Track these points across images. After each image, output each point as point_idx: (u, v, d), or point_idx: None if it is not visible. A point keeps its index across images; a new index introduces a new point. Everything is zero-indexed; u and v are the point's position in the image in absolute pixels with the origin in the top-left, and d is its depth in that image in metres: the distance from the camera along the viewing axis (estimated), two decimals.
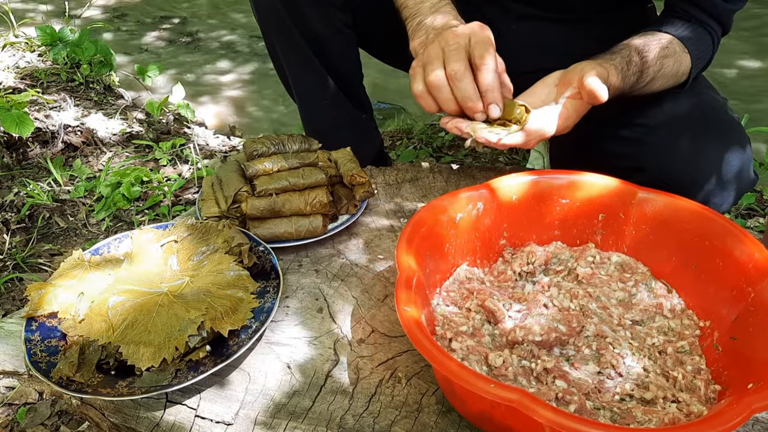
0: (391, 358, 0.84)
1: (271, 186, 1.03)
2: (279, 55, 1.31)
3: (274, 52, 1.33)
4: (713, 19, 1.07)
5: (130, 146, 2.02)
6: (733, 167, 1.03)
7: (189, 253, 0.92)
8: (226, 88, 2.67)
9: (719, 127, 1.07)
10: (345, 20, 1.25)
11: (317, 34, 1.23)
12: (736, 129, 1.08)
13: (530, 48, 1.22)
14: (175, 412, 0.78)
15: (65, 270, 0.89)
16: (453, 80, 0.88)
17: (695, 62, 1.05)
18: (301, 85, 1.35)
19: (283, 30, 1.24)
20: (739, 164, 1.05)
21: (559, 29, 1.23)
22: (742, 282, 0.78)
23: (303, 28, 1.22)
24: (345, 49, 1.27)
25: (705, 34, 1.07)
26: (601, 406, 0.71)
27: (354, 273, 1.00)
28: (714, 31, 1.07)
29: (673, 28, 1.06)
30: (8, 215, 1.65)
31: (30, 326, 0.84)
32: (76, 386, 0.76)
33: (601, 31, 1.16)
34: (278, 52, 1.31)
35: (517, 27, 1.27)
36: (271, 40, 1.31)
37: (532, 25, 1.25)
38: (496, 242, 0.94)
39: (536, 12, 1.24)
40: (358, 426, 0.75)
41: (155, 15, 3.53)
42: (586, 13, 1.23)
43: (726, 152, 1.04)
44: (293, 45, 1.26)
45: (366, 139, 1.41)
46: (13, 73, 2.41)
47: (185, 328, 0.80)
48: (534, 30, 1.25)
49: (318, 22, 1.22)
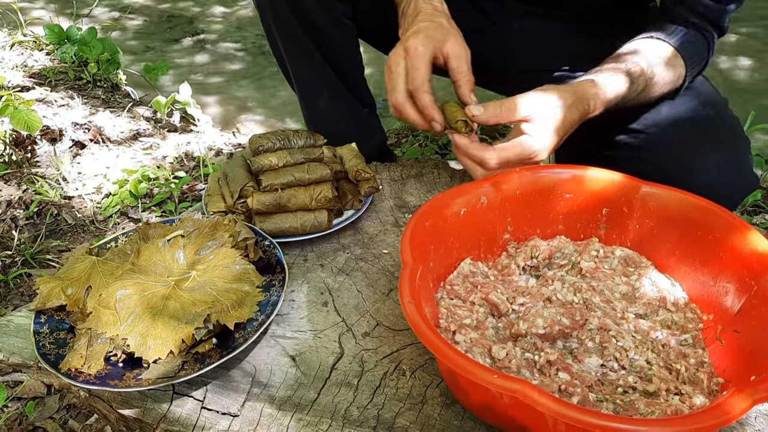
0: (396, 351, 0.85)
1: (277, 181, 1.04)
2: (279, 46, 1.32)
3: (274, 44, 1.34)
4: (707, 21, 1.05)
5: (137, 144, 2.03)
6: (732, 174, 1.02)
7: (196, 247, 0.93)
8: (232, 86, 2.68)
9: (718, 134, 1.06)
10: (344, 11, 1.24)
11: (316, 25, 1.23)
12: (736, 134, 1.08)
13: (529, 46, 1.22)
14: (181, 404, 0.79)
15: (73, 264, 0.90)
16: (397, 110, 1.04)
17: (690, 68, 1.04)
18: (302, 77, 1.35)
19: (281, 21, 1.24)
20: (739, 171, 1.04)
21: (558, 28, 1.23)
22: (746, 275, 0.79)
23: (302, 19, 1.22)
24: (345, 40, 1.26)
25: (700, 38, 1.06)
26: (604, 398, 0.71)
27: (359, 267, 1.00)
28: (708, 34, 1.06)
29: (667, 33, 1.04)
30: (17, 212, 1.66)
31: (39, 319, 0.85)
32: (85, 378, 0.77)
33: (600, 30, 1.16)
34: (278, 43, 1.31)
35: (517, 25, 1.27)
36: (270, 31, 1.31)
37: (531, 24, 1.25)
38: (500, 236, 0.95)
39: (536, 10, 1.24)
40: (362, 418, 0.76)
41: (162, 14, 3.55)
42: (586, 12, 1.22)
43: (725, 160, 1.04)
44: (292, 36, 1.26)
45: (368, 133, 1.41)
46: (22, 71, 2.43)
47: (192, 321, 0.81)
48: (534, 28, 1.25)
49: (317, 13, 1.22)
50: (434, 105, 1.01)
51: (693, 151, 1.03)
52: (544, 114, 0.94)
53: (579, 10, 1.22)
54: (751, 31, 2.88)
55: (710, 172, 1.01)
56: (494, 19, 1.29)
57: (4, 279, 1.43)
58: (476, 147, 0.97)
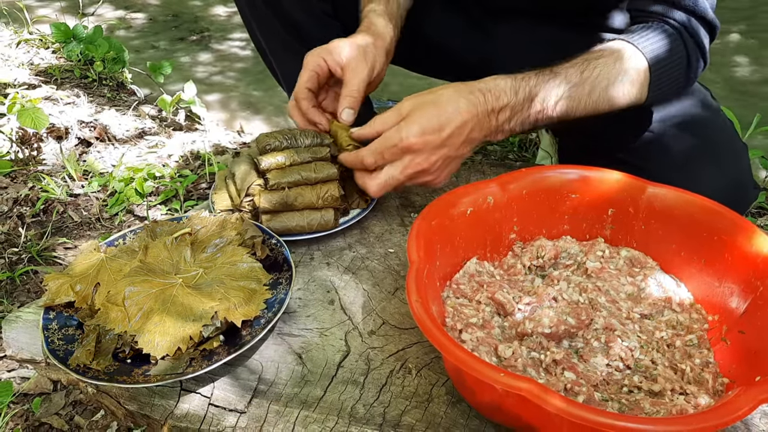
0: (402, 349, 0.85)
1: (284, 180, 1.04)
2: (263, 45, 1.32)
3: (258, 44, 1.34)
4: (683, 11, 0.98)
5: (143, 142, 2.04)
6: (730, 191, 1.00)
7: (203, 245, 0.94)
8: (237, 85, 2.69)
9: (714, 149, 1.04)
10: (324, 9, 1.25)
11: (297, 23, 1.24)
12: (732, 147, 1.06)
13: (517, 48, 1.21)
14: (189, 400, 0.80)
15: (82, 260, 0.91)
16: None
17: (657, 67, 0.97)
18: (288, 74, 1.35)
19: (263, 20, 1.25)
20: (736, 186, 1.03)
21: (546, 30, 1.22)
22: (751, 276, 0.79)
23: (282, 18, 1.23)
24: (327, 38, 1.26)
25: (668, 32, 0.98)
26: (610, 398, 0.72)
27: (365, 266, 1.01)
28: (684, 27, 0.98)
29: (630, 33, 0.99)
30: (23, 209, 1.67)
31: (48, 315, 0.86)
32: (93, 374, 0.77)
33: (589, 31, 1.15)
34: (262, 43, 1.32)
35: (504, 27, 1.26)
36: (252, 29, 1.31)
37: (519, 26, 1.24)
38: (506, 236, 0.95)
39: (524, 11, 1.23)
40: (368, 415, 0.76)
41: (167, 13, 3.55)
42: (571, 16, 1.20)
43: (722, 177, 1.02)
44: (275, 34, 1.27)
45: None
46: (28, 69, 2.44)
47: (199, 318, 0.81)
48: (521, 30, 1.24)
49: (297, 11, 1.23)
50: (313, 111, 1.12)
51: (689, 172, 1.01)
52: (418, 107, 0.92)
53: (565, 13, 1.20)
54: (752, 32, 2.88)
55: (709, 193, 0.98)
56: (481, 21, 1.29)
57: (10, 276, 1.43)
58: (354, 153, 1.00)
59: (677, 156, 1.06)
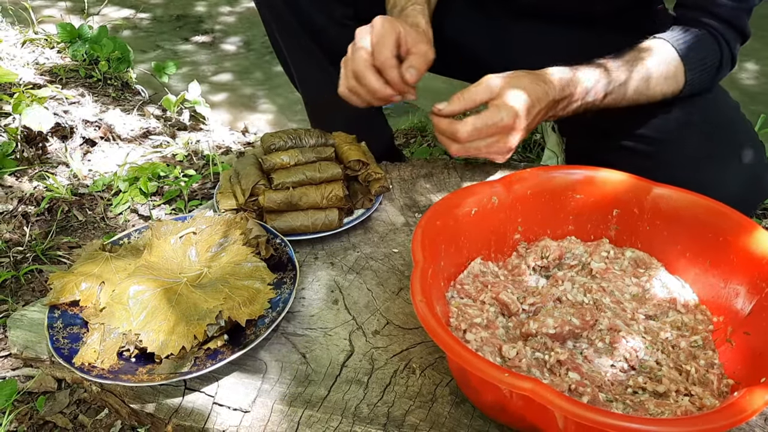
0: (406, 349, 0.85)
1: (288, 180, 1.04)
2: (281, 46, 1.32)
3: (276, 44, 1.34)
4: (721, 22, 1.03)
5: (147, 142, 2.04)
6: (745, 184, 1.01)
7: (207, 244, 0.94)
8: (241, 85, 2.69)
9: (731, 142, 1.05)
10: (345, 13, 1.24)
11: (318, 26, 1.23)
12: (750, 141, 1.06)
13: (535, 48, 1.21)
14: (193, 399, 0.80)
15: (87, 259, 0.91)
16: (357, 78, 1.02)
17: (692, 68, 1.02)
18: (305, 76, 1.35)
19: (283, 22, 1.25)
20: (753, 179, 1.03)
21: (564, 30, 1.22)
22: (756, 277, 0.79)
23: (302, 21, 1.23)
24: (348, 41, 1.26)
25: (707, 38, 1.03)
26: (614, 398, 0.71)
27: (369, 266, 1.01)
28: (720, 35, 1.03)
29: (669, 34, 1.03)
30: (28, 208, 1.67)
31: (53, 314, 0.86)
32: (98, 372, 0.78)
33: (606, 32, 1.15)
34: (280, 44, 1.31)
35: (523, 27, 1.26)
36: (271, 29, 1.31)
37: (537, 26, 1.25)
38: (511, 237, 0.95)
39: (542, 12, 1.23)
40: (372, 415, 0.76)
41: (172, 13, 3.56)
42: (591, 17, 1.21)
43: (739, 169, 1.02)
44: (294, 36, 1.26)
45: (374, 132, 1.40)
46: (33, 69, 2.44)
47: (204, 318, 0.81)
48: (540, 30, 1.24)
49: (318, 15, 1.22)
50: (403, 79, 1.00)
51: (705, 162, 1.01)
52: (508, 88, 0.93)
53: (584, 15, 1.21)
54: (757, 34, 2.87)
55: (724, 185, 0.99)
56: (500, 20, 1.29)
57: (15, 275, 1.44)
58: (450, 122, 0.97)
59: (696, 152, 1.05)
